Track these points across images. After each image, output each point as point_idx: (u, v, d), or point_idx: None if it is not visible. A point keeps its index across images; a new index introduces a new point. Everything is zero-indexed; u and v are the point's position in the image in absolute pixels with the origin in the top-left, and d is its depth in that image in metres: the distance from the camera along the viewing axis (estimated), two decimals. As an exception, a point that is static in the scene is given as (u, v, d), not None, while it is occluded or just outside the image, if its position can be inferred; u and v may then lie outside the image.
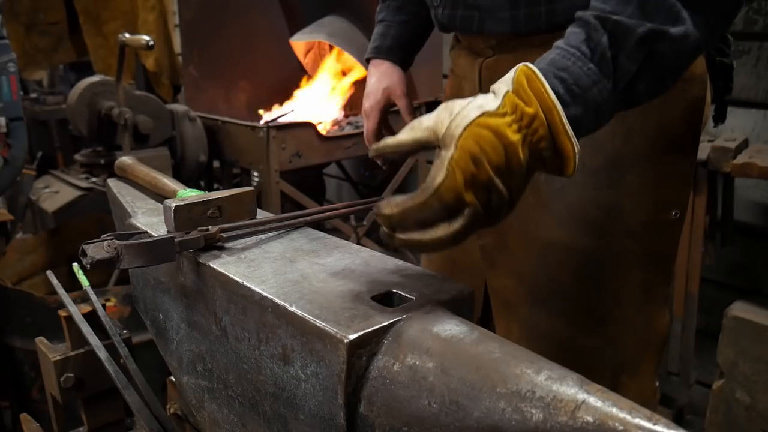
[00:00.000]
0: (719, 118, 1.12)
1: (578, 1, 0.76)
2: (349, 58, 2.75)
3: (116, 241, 0.70)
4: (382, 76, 1.25)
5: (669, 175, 0.96)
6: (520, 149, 0.65)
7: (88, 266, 0.70)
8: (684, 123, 0.95)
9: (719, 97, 1.05)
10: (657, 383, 1.06)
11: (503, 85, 0.67)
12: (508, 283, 1.05)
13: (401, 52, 1.27)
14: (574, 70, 0.69)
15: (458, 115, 0.65)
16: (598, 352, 1.00)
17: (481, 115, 0.64)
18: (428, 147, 0.68)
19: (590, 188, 0.97)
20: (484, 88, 1.03)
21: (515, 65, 0.69)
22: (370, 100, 1.24)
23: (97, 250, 0.70)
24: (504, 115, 0.65)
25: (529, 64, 0.68)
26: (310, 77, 2.97)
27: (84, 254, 0.70)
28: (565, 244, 0.99)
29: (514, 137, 0.64)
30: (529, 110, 0.65)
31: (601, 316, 1.00)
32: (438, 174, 0.63)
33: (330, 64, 2.87)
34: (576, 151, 0.67)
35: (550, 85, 0.67)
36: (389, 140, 0.71)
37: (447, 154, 0.63)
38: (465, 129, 0.64)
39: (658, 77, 0.73)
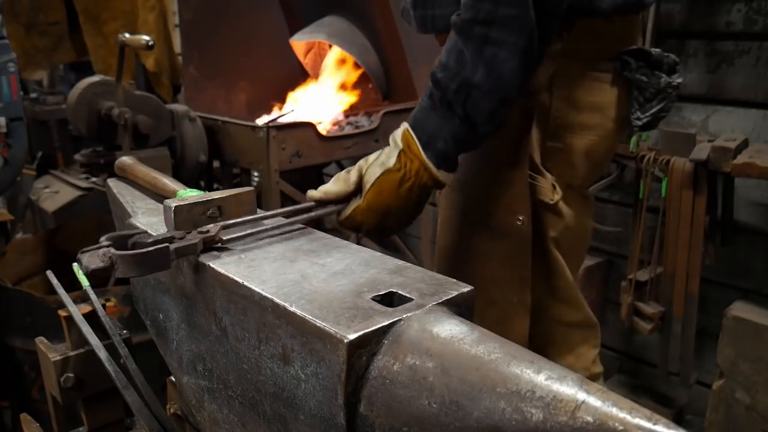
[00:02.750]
0: (645, 128, 1.19)
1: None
2: (349, 65, 2.75)
3: (111, 250, 0.69)
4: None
5: (509, 185, 1.15)
6: (409, 192, 1.01)
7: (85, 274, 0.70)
8: (512, 144, 1.13)
9: (648, 102, 1.15)
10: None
11: (396, 143, 1.02)
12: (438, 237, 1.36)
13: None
14: (424, 121, 1.01)
15: (367, 172, 1.01)
16: None
17: (383, 173, 1.00)
18: (348, 198, 1.02)
19: (456, 196, 1.25)
20: None
21: None
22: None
23: (92, 259, 0.69)
24: (399, 170, 1.00)
25: (408, 128, 1.01)
26: (311, 78, 2.97)
27: (80, 263, 0.70)
28: (445, 236, 1.29)
29: (406, 185, 1.01)
30: (414, 166, 1.00)
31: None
32: (347, 210, 1.02)
33: (330, 64, 2.87)
34: (440, 178, 1.01)
35: (417, 138, 1.00)
36: (321, 189, 1.02)
37: (357, 203, 1.02)
38: (371, 186, 1.00)
39: (484, 113, 0.99)
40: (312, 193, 1.01)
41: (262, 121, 2.64)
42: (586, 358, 1.34)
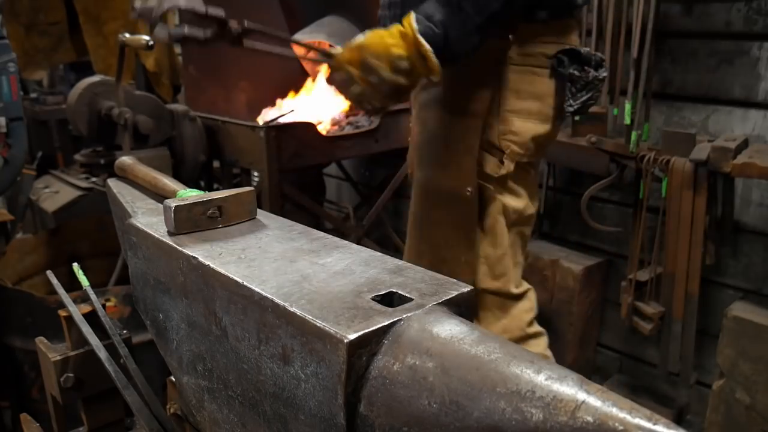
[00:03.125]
0: (575, 113, 1.45)
1: None
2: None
3: None
4: None
5: (462, 157, 1.41)
6: (394, 53, 1.22)
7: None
8: (466, 129, 1.39)
9: (579, 92, 1.38)
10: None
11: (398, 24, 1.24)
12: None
13: None
14: (425, 6, 1.23)
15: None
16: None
17: (377, 30, 1.25)
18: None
19: (419, 174, 1.49)
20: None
21: None
22: None
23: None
24: (391, 35, 1.23)
25: (412, 15, 1.23)
26: (311, 78, 2.97)
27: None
28: (413, 206, 1.55)
29: (390, 41, 1.21)
30: (407, 31, 1.22)
31: (421, 254, 1.54)
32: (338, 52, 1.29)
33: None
34: (432, 62, 1.22)
35: (416, 21, 1.21)
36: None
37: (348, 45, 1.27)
38: (366, 35, 1.25)
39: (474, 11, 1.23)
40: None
41: (263, 118, 2.65)
42: (518, 322, 1.53)
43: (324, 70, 2.68)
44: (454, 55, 1.25)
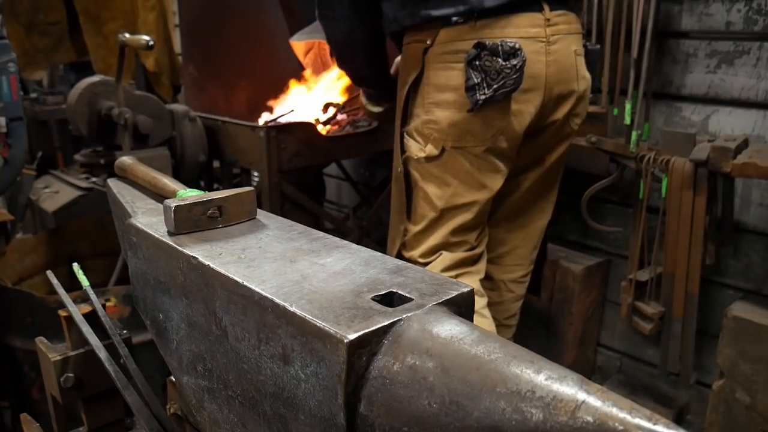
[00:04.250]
0: (488, 101, 1.61)
1: None
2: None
3: None
4: None
5: (395, 142, 1.76)
6: (368, 110, 2.05)
7: None
8: (397, 111, 1.75)
9: (493, 81, 1.54)
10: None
11: None
12: None
13: None
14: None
15: None
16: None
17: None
18: None
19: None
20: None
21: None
22: None
23: None
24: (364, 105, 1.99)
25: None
26: (303, 75, 2.97)
27: None
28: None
29: (364, 104, 2.02)
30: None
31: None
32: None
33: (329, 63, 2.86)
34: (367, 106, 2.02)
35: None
36: None
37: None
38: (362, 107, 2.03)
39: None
40: None
41: (263, 119, 2.64)
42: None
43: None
44: (370, 87, 1.86)
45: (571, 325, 2.47)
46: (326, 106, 2.63)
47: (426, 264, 1.75)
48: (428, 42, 1.58)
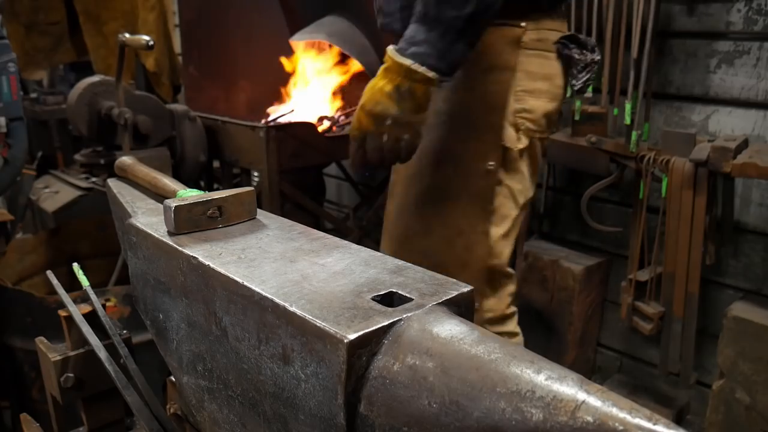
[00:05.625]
0: (579, 92, 1.65)
1: None
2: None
3: None
4: None
5: (485, 134, 1.48)
6: (387, 90, 1.29)
7: None
8: (489, 107, 1.48)
9: (579, 73, 1.54)
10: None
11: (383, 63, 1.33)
12: (390, 206, 1.64)
13: None
14: (407, 34, 1.31)
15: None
16: (425, 253, 1.52)
17: (370, 82, 1.33)
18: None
19: (434, 139, 1.50)
20: None
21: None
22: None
23: None
24: (382, 77, 1.30)
25: (390, 48, 1.31)
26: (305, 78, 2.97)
27: None
28: (418, 174, 1.53)
29: (380, 83, 1.30)
30: (392, 66, 1.29)
31: (430, 229, 1.55)
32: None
33: (328, 62, 2.87)
34: (422, 72, 1.27)
35: (398, 49, 1.30)
36: None
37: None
38: (364, 94, 1.33)
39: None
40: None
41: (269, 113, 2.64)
42: (503, 302, 1.61)
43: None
44: (449, 64, 1.32)
45: (571, 325, 2.47)
46: (320, 119, 2.62)
47: (511, 276, 1.60)
48: (523, 25, 1.46)
